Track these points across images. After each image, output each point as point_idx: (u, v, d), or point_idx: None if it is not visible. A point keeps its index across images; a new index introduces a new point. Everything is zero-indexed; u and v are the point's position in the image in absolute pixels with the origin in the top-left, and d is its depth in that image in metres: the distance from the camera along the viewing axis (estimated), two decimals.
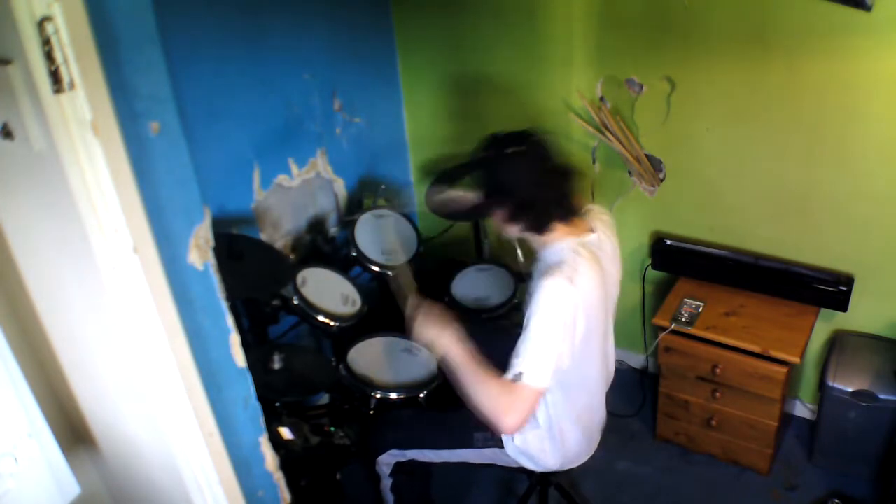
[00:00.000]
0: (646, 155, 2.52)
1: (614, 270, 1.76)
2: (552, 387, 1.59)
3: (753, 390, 2.32)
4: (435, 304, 1.73)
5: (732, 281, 2.50)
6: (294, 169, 2.48)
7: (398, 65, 2.82)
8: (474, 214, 2.12)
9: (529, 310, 1.56)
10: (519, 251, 2.14)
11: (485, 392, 1.55)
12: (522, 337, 1.55)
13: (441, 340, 1.64)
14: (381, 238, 2.52)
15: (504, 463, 1.91)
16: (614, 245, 1.78)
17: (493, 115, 2.72)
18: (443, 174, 1.74)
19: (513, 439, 1.84)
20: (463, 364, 1.59)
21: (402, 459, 1.94)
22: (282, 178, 2.44)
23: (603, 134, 2.50)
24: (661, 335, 2.43)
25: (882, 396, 2.22)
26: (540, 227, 1.64)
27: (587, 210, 1.77)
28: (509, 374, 1.53)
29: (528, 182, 1.60)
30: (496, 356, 1.62)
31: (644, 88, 2.42)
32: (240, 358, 1.25)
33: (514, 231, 1.68)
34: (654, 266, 2.65)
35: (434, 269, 2.66)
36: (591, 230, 1.69)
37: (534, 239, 1.68)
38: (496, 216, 1.67)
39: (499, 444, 1.86)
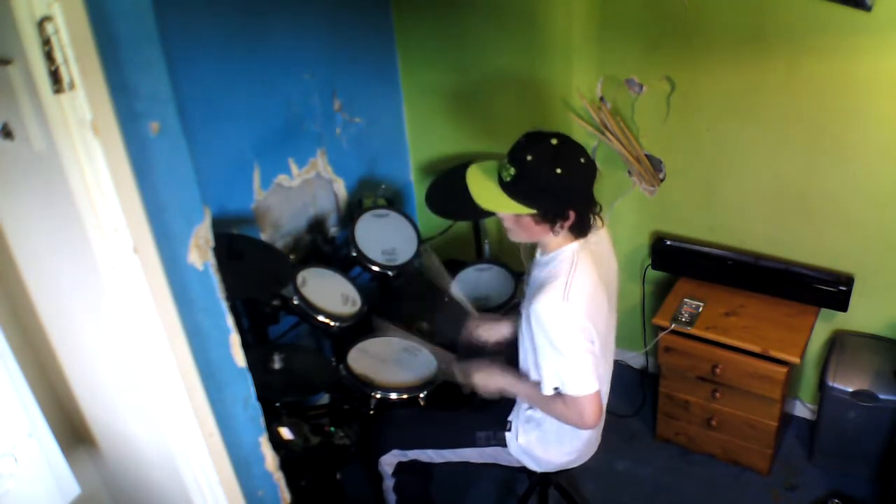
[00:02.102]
0: (646, 155, 2.52)
1: (613, 258, 1.81)
2: None
3: (753, 390, 2.32)
4: (474, 361, 1.90)
5: (732, 281, 2.50)
6: (294, 169, 2.48)
7: (398, 65, 2.82)
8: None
9: (540, 334, 1.61)
10: (522, 247, 2.16)
11: (553, 411, 1.72)
12: (545, 356, 1.62)
13: (501, 387, 1.82)
14: (381, 238, 2.52)
15: (506, 462, 1.92)
16: (607, 232, 1.82)
17: (492, 115, 2.72)
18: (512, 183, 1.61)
19: (517, 438, 1.85)
20: (526, 395, 1.79)
21: (405, 459, 1.95)
22: (282, 178, 2.44)
23: (603, 134, 2.50)
24: (661, 335, 2.43)
25: (882, 396, 2.22)
26: (582, 234, 1.67)
27: None
28: (548, 390, 1.65)
29: (586, 195, 1.63)
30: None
31: (644, 88, 2.42)
32: (240, 358, 1.25)
33: (538, 236, 1.68)
34: (654, 266, 2.65)
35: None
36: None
37: (549, 241, 1.69)
38: (528, 220, 1.63)
39: (501, 442, 1.87)
